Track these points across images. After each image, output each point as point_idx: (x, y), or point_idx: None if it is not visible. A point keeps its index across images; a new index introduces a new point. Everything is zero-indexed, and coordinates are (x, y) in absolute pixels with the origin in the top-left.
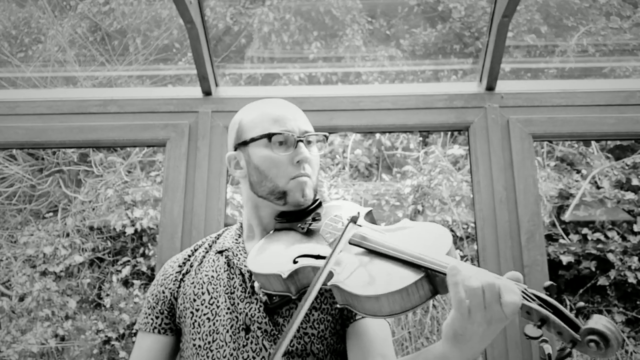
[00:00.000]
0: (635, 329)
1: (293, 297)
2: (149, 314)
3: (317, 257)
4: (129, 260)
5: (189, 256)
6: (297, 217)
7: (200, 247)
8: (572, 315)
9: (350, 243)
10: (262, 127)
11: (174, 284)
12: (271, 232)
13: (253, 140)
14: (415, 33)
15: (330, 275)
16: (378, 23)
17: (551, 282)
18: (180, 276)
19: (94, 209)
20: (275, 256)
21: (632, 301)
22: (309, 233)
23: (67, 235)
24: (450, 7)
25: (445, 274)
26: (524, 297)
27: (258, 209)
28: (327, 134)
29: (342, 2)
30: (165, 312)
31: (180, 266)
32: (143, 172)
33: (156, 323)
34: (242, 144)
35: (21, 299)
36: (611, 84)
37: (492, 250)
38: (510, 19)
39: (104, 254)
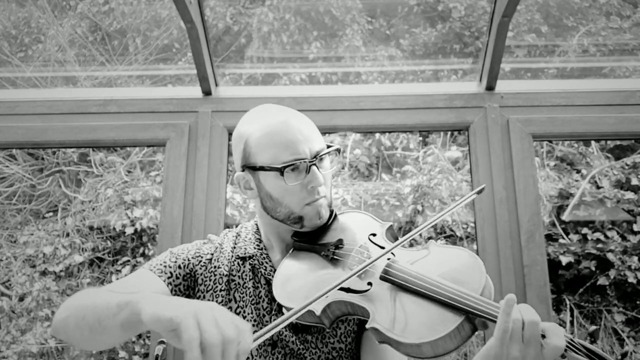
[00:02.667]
0: (635, 329)
1: (327, 329)
2: (170, 267)
3: (348, 290)
4: (128, 260)
5: (216, 249)
6: (315, 236)
7: (223, 244)
8: None
9: (383, 279)
10: (272, 154)
11: (201, 267)
12: (291, 250)
13: (263, 169)
14: (415, 33)
15: (367, 313)
16: (378, 23)
17: (596, 327)
18: (211, 266)
19: (93, 209)
20: (302, 287)
21: (632, 301)
22: (333, 260)
23: (67, 235)
24: (450, 6)
25: (484, 317)
26: (571, 348)
27: (274, 226)
28: (340, 147)
29: (341, 2)
30: (188, 282)
31: (211, 254)
32: (143, 172)
33: (174, 281)
34: (251, 167)
35: (21, 298)
36: (611, 84)
37: (492, 250)
38: (510, 19)
39: (103, 254)
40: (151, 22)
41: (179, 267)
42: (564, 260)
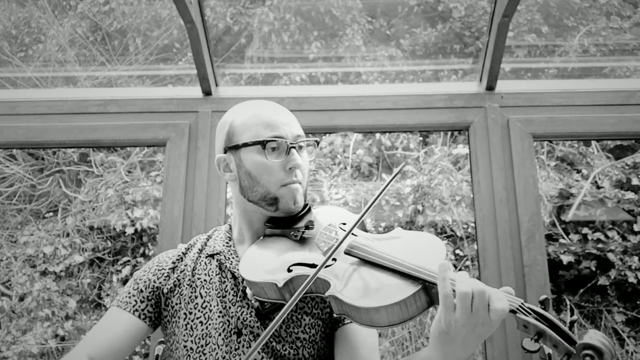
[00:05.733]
0: (635, 329)
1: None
2: (134, 295)
3: (312, 265)
4: (129, 260)
5: (183, 254)
6: (287, 223)
7: (192, 247)
8: (567, 329)
9: (346, 253)
10: (255, 131)
11: (165, 280)
12: (261, 237)
13: (246, 145)
14: (415, 33)
15: (327, 285)
16: (378, 23)
17: (546, 296)
18: (175, 275)
19: (94, 209)
20: (268, 264)
21: (632, 301)
22: (302, 241)
23: (67, 235)
24: (451, 7)
25: (437, 286)
26: (520, 311)
27: (247, 213)
28: (318, 139)
29: (342, 2)
30: (153, 300)
31: (174, 263)
32: (143, 172)
33: (139, 307)
34: (233, 148)
35: (21, 299)
36: (611, 84)
37: (492, 250)
38: (511, 19)
39: (104, 254)
40: (151, 22)
41: (141, 291)
42: (564, 260)
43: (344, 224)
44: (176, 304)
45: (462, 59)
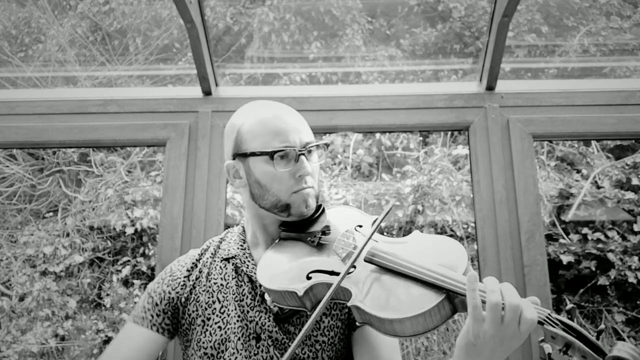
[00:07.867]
0: (635, 329)
1: (308, 312)
2: (149, 310)
3: (331, 272)
4: (129, 260)
5: (197, 260)
6: (302, 227)
7: (205, 251)
8: (595, 340)
9: (367, 261)
10: (263, 140)
11: (181, 289)
12: (277, 241)
13: (254, 154)
14: (415, 33)
15: (349, 293)
16: (378, 23)
17: (573, 305)
18: (190, 282)
19: (94, 209)
20: (286, 270)
21: (632, 301)
22: (319, 246)
23: (67, 235)
24: (451, 7)
25: (465, 296)
26: (548, 322)
27: (260, 218)
28: (328, 142)
29: (342, 2)
30: (170, 312)
31: (188, 271)
32: (143, 172)
33: (156, 320)
34: (241, 155)
35: (21, 298)
36: (611, 84)
37: (492, 250)
38: (511, 19)
39: (104, 254)
40: (151, 22)
41: (156, 304)
42: (564, 260)
43: (360, 226)
44: (193, 311)
45: (462, 59)
